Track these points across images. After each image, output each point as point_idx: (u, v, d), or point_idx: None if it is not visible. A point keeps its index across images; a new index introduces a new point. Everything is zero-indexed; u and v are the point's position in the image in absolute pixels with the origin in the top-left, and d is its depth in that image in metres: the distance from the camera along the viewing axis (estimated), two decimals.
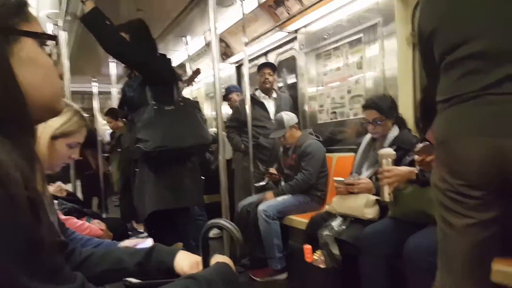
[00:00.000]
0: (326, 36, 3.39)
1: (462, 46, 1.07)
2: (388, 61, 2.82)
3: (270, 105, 3.77)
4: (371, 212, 2.13)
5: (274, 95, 3.81)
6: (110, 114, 4.83)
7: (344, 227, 2.18)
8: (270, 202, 2.99)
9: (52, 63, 0.62)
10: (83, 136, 1.41)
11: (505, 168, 1.00)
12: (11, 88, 0.57)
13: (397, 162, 1.99)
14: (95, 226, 2.08)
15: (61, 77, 0.66)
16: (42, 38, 0.62)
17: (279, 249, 2.91)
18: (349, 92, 3.21)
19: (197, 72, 2.78)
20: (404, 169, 1.88)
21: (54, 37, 0.65)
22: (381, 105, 2.33)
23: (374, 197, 2.16)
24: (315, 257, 2.18)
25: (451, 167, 1.10)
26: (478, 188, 1.05)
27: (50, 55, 0.63)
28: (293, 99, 3.96)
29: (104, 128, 6.40)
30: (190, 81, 2.78)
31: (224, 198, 1.97)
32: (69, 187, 3.02)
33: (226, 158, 2.44)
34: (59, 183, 2.62)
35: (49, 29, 3.56)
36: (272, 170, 3.32)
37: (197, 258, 1.06)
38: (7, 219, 0.49)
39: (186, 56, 4.84)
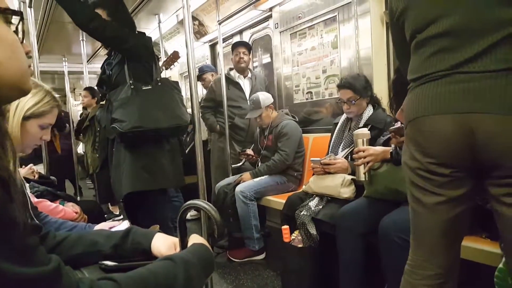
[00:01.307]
0: (300, 15, 3.37)
1: (432, 25, 1.08)
2: (363, 41, 2.83)
3: (246, 85, 3.75)
4: (347, 192, 2.16)
5: (249, 75, 3.78)
6: (89, 90, 4.73)
7: (320, 206, 2.21)
8: (247, 183, 3.00)
9: (18, 40, 0.59)
10: (55, 117, 1.37)
11: (473, 144, 1.02)
12: None
13: (372, 141, 2.02)
14: (69, 209, 2.04)
15: (27, 54, 0.63)
16: (6, 13, 0.59)
17: (257, 229, 2.93)
18: (324, 71, 3.22)
19: (176, 56, 2.70)
20: (378, 148, 1.90)
21: (19, 13, 0.61)
22: (356, 85, 2.35)
23: (350, 177, 2.19)
24: (293, 237, 2.21)
25: (421, 145, 1.11)
26: (448, 166, 1.07)
27: (16, 32, 0.60)
28: (269, 79, 3.94)
29: (75, 109, 6.24)
30: (168, 64, 2.70)
31: (201, 179, 1.96)
32: (39, 168, 2.94)
33: (202, 139, 2.42)
34: (30, 165, 2.55)
35: (15, 6, 3.39)
36: (249, 151, 3.32)
37: (174, 240, 1.06)
38: None
39: (158, 34, 4.73)
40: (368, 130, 2.08)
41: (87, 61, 5.29)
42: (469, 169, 1.07)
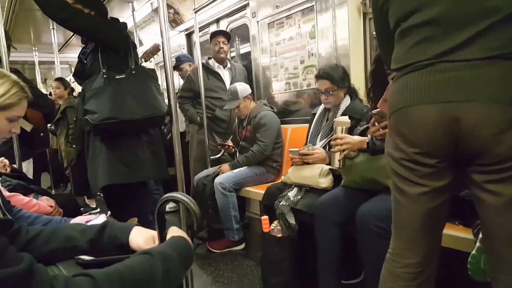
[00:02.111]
0: (278, 4, 3.34)
1: (417, 13, 1.07)
2: (340, 31, 2.83)
3: (226, 76, 3.69)
4: (325, 182, 2.18)
5: (229, 65, 3.73)
6: (60, 81, 4.55)
7: (299, 196, 2.23)
8: (226, 175, 2.98)
9: None
10: (24, 109, 1.31)
11: (458, 133, 1.02)
12: None
13: (349, 131, 2.04)
14: (44, 203, 1.99)
15: None
16: None
17: (236, 220, 2.93)
18: (302, 62, 3.22)
19: (156, 48, 2.65)
20: (356, 138, 1.92)
21: None
22: (334, 75, 2.36)
23: (328, 167, 2.21)
24: (272, 227, 2.22)
25: (406, 136, 1.10)
26: (433, 156, 1.07)
27: None
28: (247, 69, 3.91)
29: None
30: (148, 57, 2.65)
31: (179, 171, 1.93)
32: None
33: (180, 130, 2.38)
34: (1, 158, 2.46)
35: None
36: (229, 142, 3.30)
37: (153, 233, 1.05)
38: None
39: (132, 23, 4.61)
40: None
41: (59, 51, 5.13)
42: (453, 158, 1.07)
